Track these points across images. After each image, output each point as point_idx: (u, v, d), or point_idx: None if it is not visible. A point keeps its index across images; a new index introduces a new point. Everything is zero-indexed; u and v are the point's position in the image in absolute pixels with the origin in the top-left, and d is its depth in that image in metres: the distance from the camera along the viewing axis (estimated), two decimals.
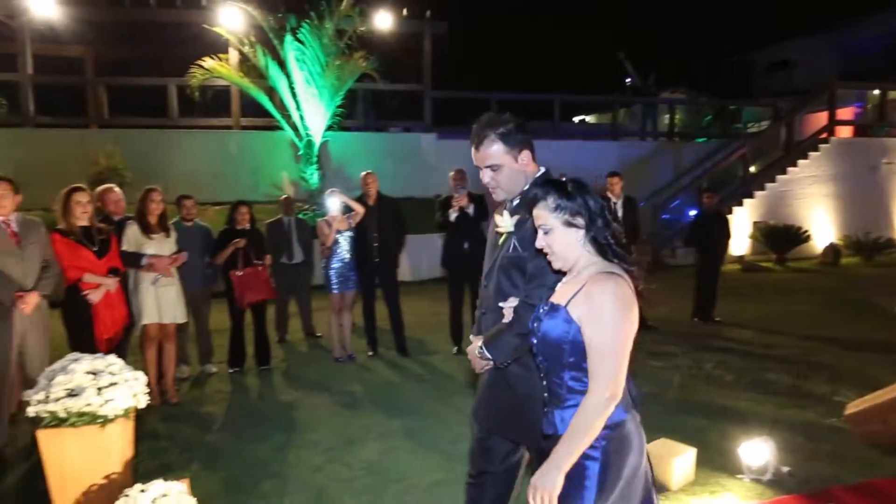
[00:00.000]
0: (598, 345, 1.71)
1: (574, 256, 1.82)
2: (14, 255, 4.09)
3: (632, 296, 1.76)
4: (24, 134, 12.73)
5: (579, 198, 1.80)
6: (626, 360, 1.74)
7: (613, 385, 1.70)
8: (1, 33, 14.04)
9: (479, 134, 2.32)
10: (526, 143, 2.32)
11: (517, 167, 2.29)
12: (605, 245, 1.79)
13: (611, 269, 1.78)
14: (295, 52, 11.72)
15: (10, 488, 3.78)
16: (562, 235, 1.80)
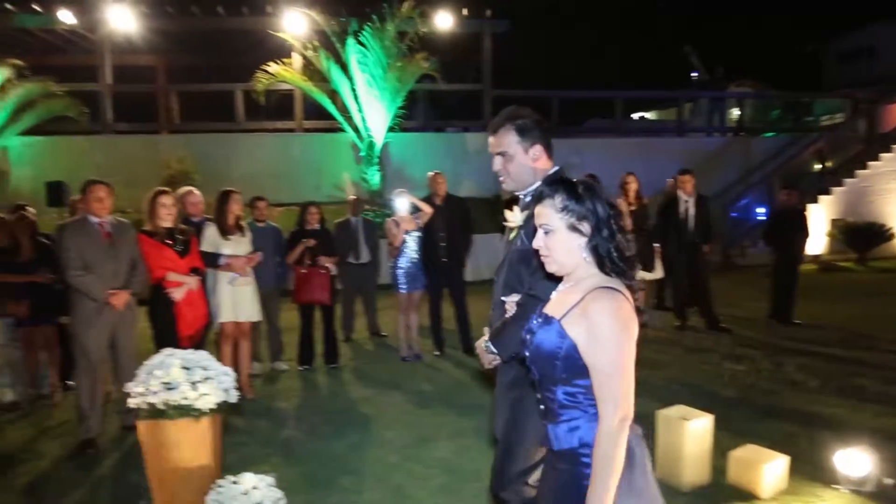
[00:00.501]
0: (601, 367, 1.62)
1: (572, 263, 1.72)
2: (107, 255, 4.30)
3: (631, 312, 1.67)
4: (103, 140, 13.40)
5: (589, 202, 1.69)
6: (632, 379, 1.65)
7: (624, 406, 1.62)
8: (83, 46, 14.85)
9: (497, 122, 2.36)
10: (540, 139, 2.32)
11: (526, 159, 2.29)
12: (605, 257, 1.68)
13: (609, 284, 1.68)
14: (357, 55, 11.90)
15: (105, 476, 3.96)
16: (563, 239, 1.70)
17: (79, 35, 14.35)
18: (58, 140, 13.17)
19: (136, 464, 4.07)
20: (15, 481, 3.94)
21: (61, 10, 12.74)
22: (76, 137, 13.27)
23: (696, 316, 7.41)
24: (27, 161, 12.81)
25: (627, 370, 1.63)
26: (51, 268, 5.32)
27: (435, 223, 6.30)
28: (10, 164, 12.73)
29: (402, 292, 6.31)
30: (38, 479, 3.97)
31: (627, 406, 1.62)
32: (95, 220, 4.32)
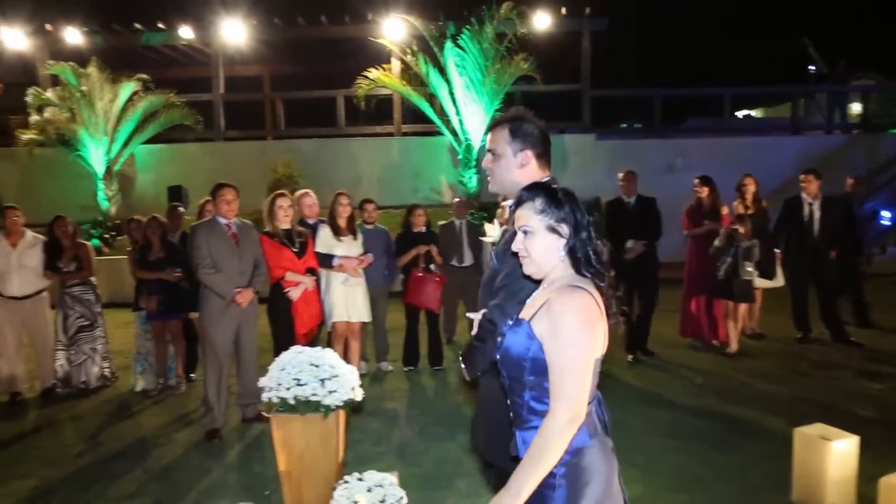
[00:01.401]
0: (557, 362, 1.58)
1: (549, 265, 1.71)
2: (234, 255, 4.53)
3: (597, 312, 1.64)
4: (216, 147, 14.24)
5: (567, 206, 1.70)
6: (587, 380, 1.61)
7: (574, 406, 1.57)
8: (198, 59, 15.90)
9: (496, 120, 2.31)
10: (531, 146, 2.19)
11: (513, 163, 2.20)
12: (583, 258, 1.68)
13: (579, 283, 1.66)
14: (455, 58, 11.98)
15: (231, 465, 4.16)
16: (542, 240, 1.70)
17: (195, 49, 15.38)
18: (176, 147, 14.14)
19: (258, 455, 4.27)
20: (153, 465, 4.22)
21: (182, 27, 13.67)
22: (191, 144, 14.20)
23: (820, 326, 6.87)
24: (150, 167, 13.83)
25: (584, 371, 1.59)
26: (178, 266, 5.70)
27: None
28: (136, 170, 13.80)
29: None
30: (172, 464, 4.23)
31: (579, 407, 1.58)
32: (223, 221, 4.56)
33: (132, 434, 4.84)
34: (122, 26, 13.99)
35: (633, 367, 6.10)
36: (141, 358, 6.00)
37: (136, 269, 5.82)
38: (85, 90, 12.14)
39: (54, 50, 13.44)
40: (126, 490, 3.85)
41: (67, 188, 12.82)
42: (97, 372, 6.12)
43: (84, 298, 6.06)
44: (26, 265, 5.91)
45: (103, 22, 13.84)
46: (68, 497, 3.80)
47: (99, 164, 12.73)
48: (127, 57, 14.52)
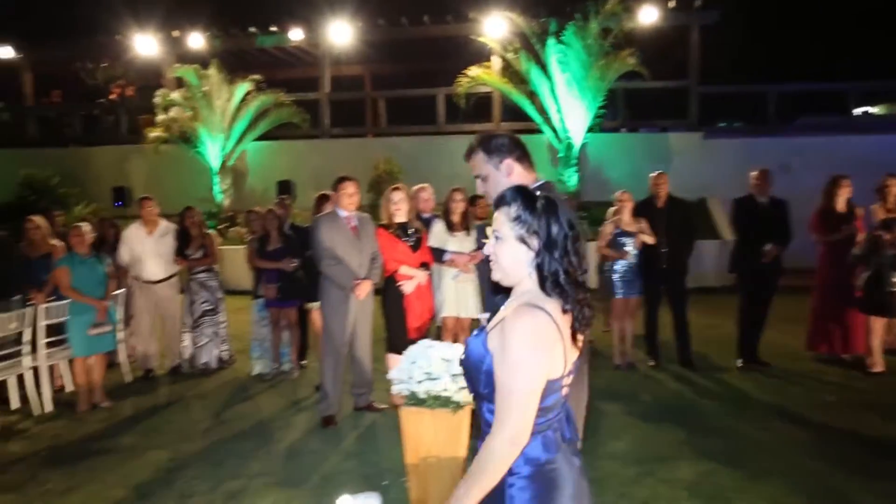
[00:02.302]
0: (504, 383, 1.53)
1: (517, 276, 1.64)
2: (354, 247, 4.64)
3: (552, 334, 1.54)
4: (321, 144, 14.77)
5: (543, 218, 1.60)
6: (532, 403, 1.53)
7: (517, 428, 1.52)
8: (305, 60, 16.55)
9: (468, 148, 2.37)
10: (509, 153, 2.28)
11: (500, 176, 2.26)
12: (549, 276, 1.58)
13: (538, 303, 1.57)
14: (557, 54, 11.78)
15: (349, 453, 4.26)
16: (511, 248, 1.62)
17: (303, 51, 16.01)
18: (284, 144, 14.79)
19: (373, 445, 4.35)
20: (276, 447, 4.40)
21: (293, 29, 14.27)
22: (298, 141, 14.79)
23: None
24: (260, 162, 14.55)
25: (528, 393, 1.52)
26: (294, 256, 5.92)
27: (656, 227, 5.95)
28: (248, 165, 14.56)
29: (617, 298, 6.05)
30: (293, 447, 4.39)
31: (520, 428, 1.53)
32: (344, 213, 4.68)
33: (253, 415, 5.07)
34: (239, 30, 14.78)
35: (752, 377, 5.74)
36: (257, 343, 6.29)
37: (254, 259, 6.10)
38: (206, 91, 12.93)
39: (179, 54, 14.39)
40: (253, 469, 4.03)
41: (187, 182, 13.71)
42: (218, 354, 6.49)
43: (209, 284, 6.43)
44: (160, 252, 6.34)
45: (222, 27, 14.69)
46: (202, 471, 4.02)
47: (215, 159, 13.54)
48: (241, 59, 15.32)
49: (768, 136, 13.35)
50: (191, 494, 3.70)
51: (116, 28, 14.74)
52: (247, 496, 3.67)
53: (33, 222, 5.80)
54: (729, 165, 11.84)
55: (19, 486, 3.88)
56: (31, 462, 4.27)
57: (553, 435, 1.63)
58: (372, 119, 16.51)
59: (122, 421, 5.07)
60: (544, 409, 1.59)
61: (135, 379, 6.17)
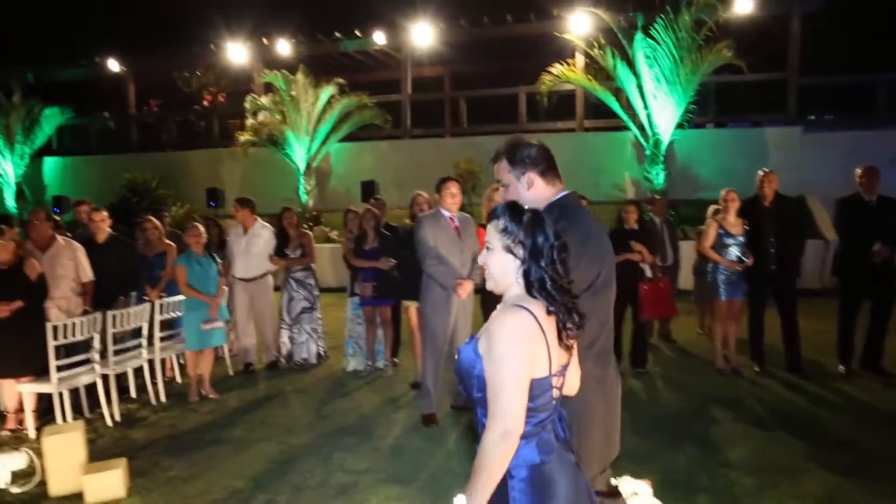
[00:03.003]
0: (490, 379, 1.63)
1: (506, 283, 1.75)
2: (456, 246, 4.64)
3: (536, 332, 1.64)
4: (403, 144, 14.97)
5: (528, 230, 1.71)
6: (520, 398, 1.61)
7: (507, 422, 1.59)
8: (387, 63, 16.82)
9: (495, 154, 2.38)
10: (532, 166, 2.28)
11: (520, 188, 2.29)
12: (535, 282, 1.69)
13: (523, 303, 1.67)
14: (645, 49, 11.42)
15: (451, 451, 4.27)
16: (499, 258, 1.74)
17: (384, 53, 16.27)
18: (366, 145, 15.08)
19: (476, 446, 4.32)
20: (379, 442, 4.46)
21: (376, 33, 14.53)
22: (380, 142, 15.05)
23: None
24: (344, 163, 14.91)
25: (515, 388, 1.60)
26: (390, 255, 5.99)
27: (763, 227, 5.65)
28: (332, 166, 14.95)
29: (721, 300, 5.78)
30: (397, 444, 4.43)
31: (512, 421, 1.60)
32: (447, 213, 4.69)
33: (353, 411, 5.17)
34: (324, 35, 15.19)
35: (868, 386, 5.34)
36: (352, 340, 6.42)
37: (351, 258, 6.22)
38: (293, 95, 13.36)
39: (267, 60, 14.96)
40: (361, 465, 4.10)
41: (275, 183, 14.23)
42: (314, 350, 6.67)
43: (306, 283, 6.62)
44: (252, 251, 6.57)
45: (309, 33, 15.15)
46: (311, 465, 4.12)
47: (301, 161, 13.97)
48: (326, 63, 15.74)
49: (876, 130, 12.44)
50: (304, 487, 3.80)
51: (210, 39, 15.49)
52: (358, 491, 3.73)
53: (152, 223, 6.15)
54: (831, 161, 11.14)
55: (146, 471, 4.10)
56: (153, 449, 4.52)
57: (548, 436, 1.71)
58: (451, 119, 16.58)
59: (230, 413, 5.28)
60: (536, 409, 1.66)
61: (235, 373, 6.43)
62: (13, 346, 4.70)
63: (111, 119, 17.64)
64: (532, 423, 1.66)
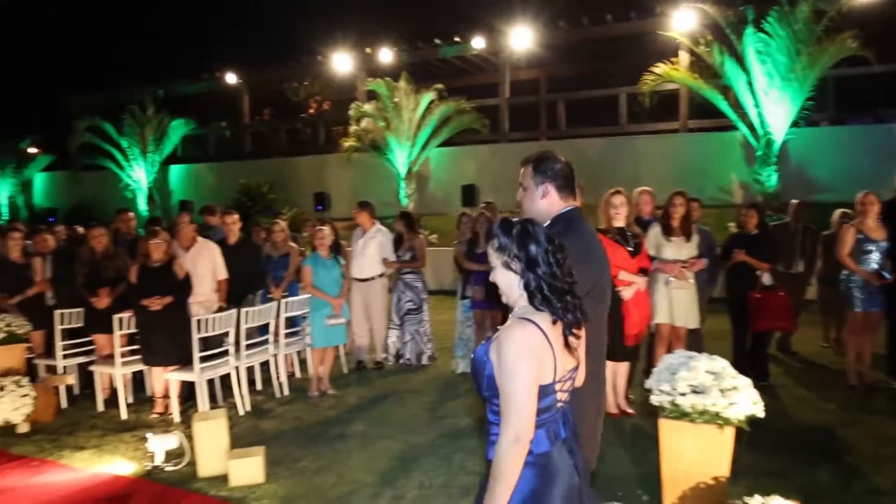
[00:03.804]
0: (503, 389, 1.74)
1: (514, 297, 1.87)
2: None
3: (541, 343, 1.76)
4: (499, 148, 15.03)
5: (518, 244, 1.81)
6: (529, 405, 1.73)
7: (517, 426, 1.72)
8: (483, 67, 16.98)
9: (525, 159, 2.57)
10: (552, 179, 2.45)
11: (535, 195, 2.46)
12: (535, 292, 1.79)
13: (528, 316, 1.79)
14: (756, 45, 10.89)
15: None
16: (502, 276, 1.86)
17: (482, 58, 16.44)
18: (464, 149, 15.28)
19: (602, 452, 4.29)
20: None
21: (475, 38, 14.71)
22: (478, 146, 15.21)
23: None
24: (443, 168, 15.18)
25: (524, 395, 1.72)
26: None
27: None
28: (431, 171, 15.26)
29: (856, 311, 5.41)
30: None
31: (522, 427, 1.71)
32: None
33: (467, 413, 5.26)
34: (424, 42, 15.55)
35: None
36: (461, 343, 6.53)
37: (464, 261, 6.34)
38: (395, 102, 13.77)
39: (370, 69, 15.49)
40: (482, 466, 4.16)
41: (376, 187, 14.70)
42: (420, 351, 6.84)
43: (414, 285, 6.81)
44: (367, 252, 6.83)
45: (409, 41, 15.56)
46: (434, 464, 4.23)
47: (402, 165, 14.37)
48: (424, 70, 16.11)
49: None
50: (429, 486, 3.92)
51: (317, 50, 16.26)
52: None
53: (279, 225, 6.55)
54: None
55: (279, 461, 4.37)
56: (283, 440, 4.81)
57: (545, 433, 1.82)
58: (548, 122, 16.49)
59: (350, 409, 5.52)
60: (539, 409, 1.77)
61: (349, 370, 6.71)
62: (162, 338, 5.18)
63: (228, 128, 18.92)
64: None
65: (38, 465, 4.47)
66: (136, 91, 17.98)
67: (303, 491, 3.94)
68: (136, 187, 17.35)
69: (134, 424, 5.24)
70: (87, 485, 4.14)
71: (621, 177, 12.33)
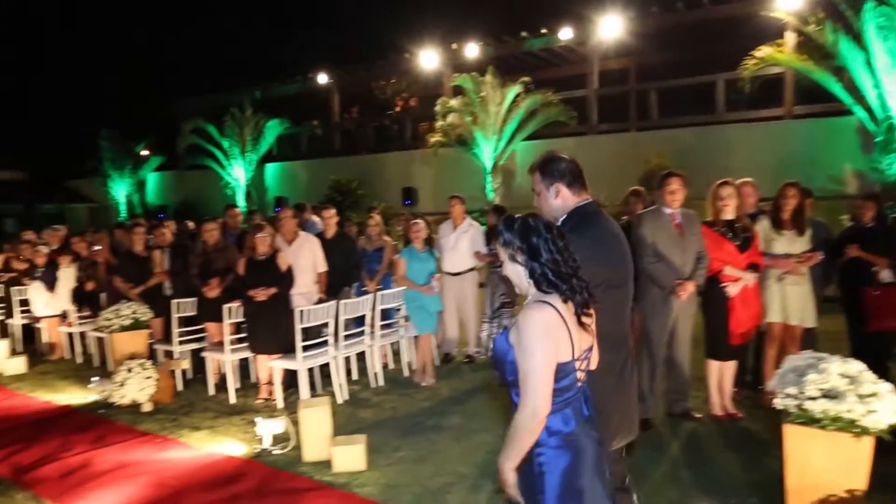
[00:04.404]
0: (522, 367, 1.89)
1: (524, 286, 2.02)
2: (678, 245, 4.45)
3: (556, 322, 1.89)
4: (587, 140, 14.71)
5: (519, 237, 1.98)
6: (547, 381, 1.88)
7: (534, 401, 1.87)
8: (570, 59, 16.64)
9: (531, 166, 2.70)
10: (560, 178, 2.58)
11: (549, 196, 2.59)
12: (541, 279, 1.95)
13: (543, 298, 1.94)
14: (877, 20, 10.01)
15: (677, 459, 4.10)
16: (510, 268, 2.04)
17: (568, 49, 16.13)
18: (550, 143, 15.03)
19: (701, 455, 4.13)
20: None
21: (563, 29, 14.44)
22: (564, 139, 14.93)
23: None
24: (528, 161, 14.95)
25: (541, 372, 1.88)
26: None
27: None
28: (517, 164, 15.15)
29: None
30: None
31: (538, 402, 1.88)
32: (668, 210, 4.51)
33: None
34: (510, 36, 15.43)
35: None
36: None
37: None
38: (482, 96, 13.75)
39: (456, 64, 15.55)
40: None
41: (462, 181, 14.76)
42: None
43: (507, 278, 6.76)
44: (459, 248, 6.85)
45: (495, 35, 15.50)
46: None
47: (488, 160, 14.34)
48: (509, 63, 15.99)
49: None
50: None
51: (404, 48, 16.51)
52: None
53: (374, 219, 6.72)
54: None
55: (378, 449, 4.48)
56: (381, 429, 4.92)
57: (571, 412, 1.97)
58: (638, 112, 15.95)
59: (444, 401, 5.57)
60: (561, 389, 1.93)
61: (441, 363, 6.77)
62: (267, 327, 5.44)
63: (319, 127, 19.61)
64: (557, 400, 1.93)
65: (161, 442, 4.81)
66: (236, 93, 18.96)
67: (404, 480, 4.02)
68: (235, 185, 18.32)
69: (241, 408, 5.54)
70: (204, 463, 4.42)
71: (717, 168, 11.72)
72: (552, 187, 2.59)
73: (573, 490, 1.93)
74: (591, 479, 1.95)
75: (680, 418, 4.73)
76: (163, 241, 6.94)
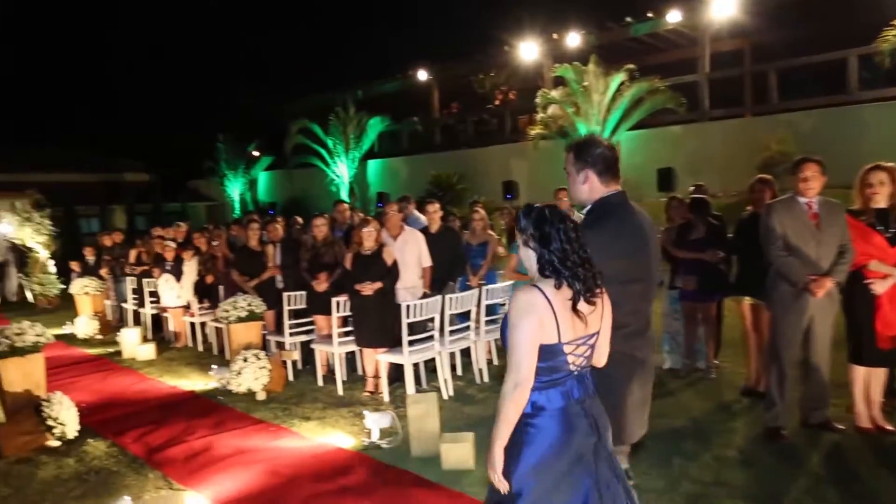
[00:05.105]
0: (508, 342, 2.06)
1: (533, 269, 2.15)
2: (813, 237, 4.01)
3: (542, 306, 2.03)
4: (698, 127, 13.90)
5: (534, 225, 2.12)
6: (529, 357, 2.02)
7: (517, 374, 2.02)
8: (677, 43, 15.77)
9: (568, 146, 2.76)
10: (591, 166, 2.58)
11: (577, 180, 2.63)
12: (546, 264, 2.08)
13: (537, 283, 2.09)
14: None
15: (817, 477, 3.71)
16: (524, 252, 2.18)
17: (675, 33, 15.29)
18: (656, 131, 14.36)
19: (847, 472, 3.72)
20: (721, 452, 4.09)
21: (671, 12, 13.70)
22: (672, 127, 14.18)
23: None
24: (635, 152, 14.39)
25: (522, 349, 2.02)
26: (719, 247, 5.50)
27: None
28: (622, 155, 14.56)
29: None
30: (743, 458, 4.00)
31: (521, 376, 2.02)
32: (803, 199, 4.08)
33: (681, 413, 4.84)
34: (614, 22, 14.85)
35: None
36: (668, 337, 6.06)
37: (672, 248, 5.86)
38: (585, 85, 13.33)
39: (556, 55, 15.18)
40: (706, 475, 3.78)
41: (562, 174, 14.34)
42: None
43: None
44: None
45: (597, 22, 14.99)
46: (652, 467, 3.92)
47: None
48: (612, 51, 15.39)
49: None
50: (649, 490, 3.63)
51: (503, 40, 16.36)
52: None
53: (479, 213, 6.64)
54: None
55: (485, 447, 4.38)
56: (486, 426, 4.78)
57: (559, 391, 2.09)
58: (753, 95, 14.85)
59: None
60: (548, 368, 2.06)
61: None
62: (374, 321, 5.49)
63: (419, 123, 19.89)
64: (543, 378, 2.06)
65: (274, 431, 4.98)
66: (339, 93, 19.57)
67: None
68: (339, 182, 18.94)
69: (349, 400, 5.63)
70: (315, 453, 4.51)
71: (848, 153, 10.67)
72: (582, 172, 2.60)
73: (546, 466, 2.05)
74: (568, 460, 2.06)
75: (818, 429, 4.27)
76: (275, 237, 7.21)
